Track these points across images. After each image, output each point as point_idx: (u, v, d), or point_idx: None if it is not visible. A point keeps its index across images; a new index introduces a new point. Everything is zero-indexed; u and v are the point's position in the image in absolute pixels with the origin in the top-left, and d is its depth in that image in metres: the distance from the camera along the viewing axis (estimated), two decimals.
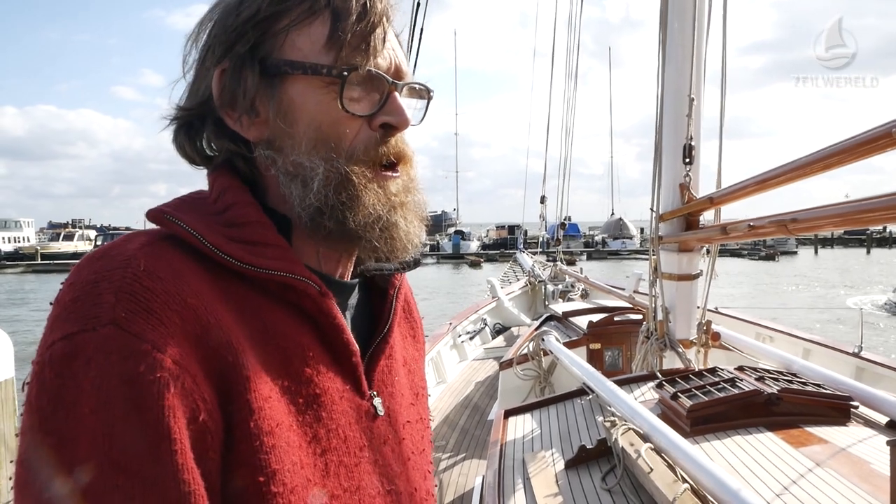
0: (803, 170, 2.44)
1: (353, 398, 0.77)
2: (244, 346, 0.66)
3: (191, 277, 0.65)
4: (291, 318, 0.73)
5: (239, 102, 0.76)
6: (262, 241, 0.72)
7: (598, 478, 2.41)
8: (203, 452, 0.60)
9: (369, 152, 0.76)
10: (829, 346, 5.38)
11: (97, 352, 0.57)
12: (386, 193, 0.77)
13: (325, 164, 0.74)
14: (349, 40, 0.74)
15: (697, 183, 3.81)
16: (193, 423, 0.59)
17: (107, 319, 0.58)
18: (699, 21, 3.71)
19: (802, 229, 2.44)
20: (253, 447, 0.64)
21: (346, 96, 0.74)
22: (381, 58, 0.77)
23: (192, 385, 0.60)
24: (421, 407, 0.94)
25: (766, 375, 2.89)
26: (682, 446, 2.18)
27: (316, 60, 0.74)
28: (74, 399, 0.55)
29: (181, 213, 0.71)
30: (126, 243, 0.66)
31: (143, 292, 0.60)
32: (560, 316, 6.67)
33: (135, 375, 0.57)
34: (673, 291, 3.90)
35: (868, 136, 1.91)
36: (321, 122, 0.75)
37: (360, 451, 0.76)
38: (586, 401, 3.30)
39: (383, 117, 0.77)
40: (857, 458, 2.27)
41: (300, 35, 0.75)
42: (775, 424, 2.58)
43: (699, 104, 3.73)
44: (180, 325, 0.61)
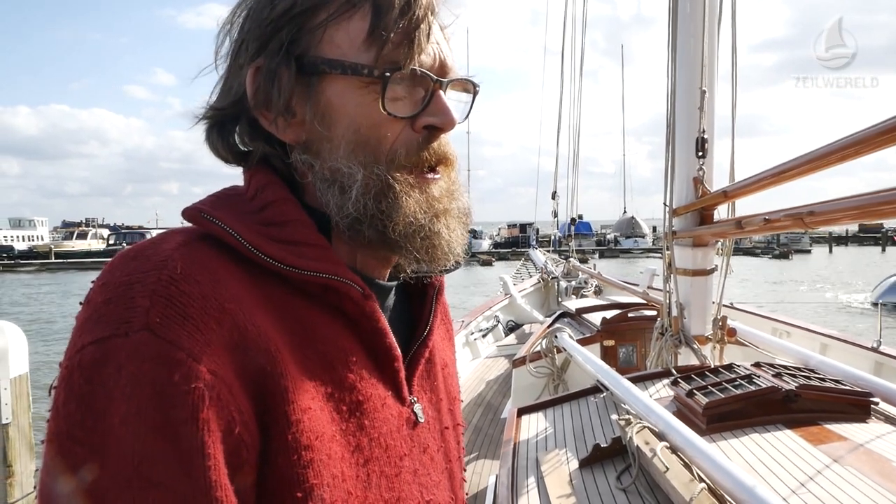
0: (820, 161, 2.39)
1: (395, 405, 0.74)
2: (284, 352, 0.63)
3: (229, 280, 0.62)
4: (332, 321, 0.70)
5: (274, 103, 0.72)
6: (302, 241, 0.69)
7: (612, 477, 2.37)
8: (238, 467, 0.57)
9: (411, 157, 0.72)
10: (846, 340, 5.31)
11: (129, 359, 0.54)
12: (428, 200, 0.73)
13: (365, 171, 0.71)
14: (392, 37, 0.70)
15: (711, 177, 3.76)
16: (228, 436, 0.57)
17: (140, 325, 0.55)
18: (710, 11, 3.66)
19: (819, 222, 2.38)
20: (290, 461, 0.61)
21: (388, 97, 0.70)
22: (426, 54, 0.72)
23: (229, 396, 0.57)
24: (457, 412, 0.92)
25: (783, 372, 2.83)
26: (699, 445, 2.14)
27: (356, 59, 0.70)
28: (104, 408, 0.53)
29: (218, 211, 0.68)
30: (161, 243, 0.63)
31: (179, 296, 0.57)
32: (573, 313, 6.63)
33: (169, 385, 0.54)
34: (687, 287, 3.85)
35: (887, 125, 1.86)
36: (360, 125, 0.71)
37: (401, 461, 0.73)
38: (600, 398, 3.26)
39: (427, 118, 0.73)
40: (879, 456, 2.22)
41: (339, 31, 0.71)
42: (793, 422, 2.53)
43: (711, 97, 3.68)
44: (217, 332, 0.58)
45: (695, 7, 3.66)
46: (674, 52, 3.76)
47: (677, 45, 3.74)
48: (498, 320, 9.37)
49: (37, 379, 7.62)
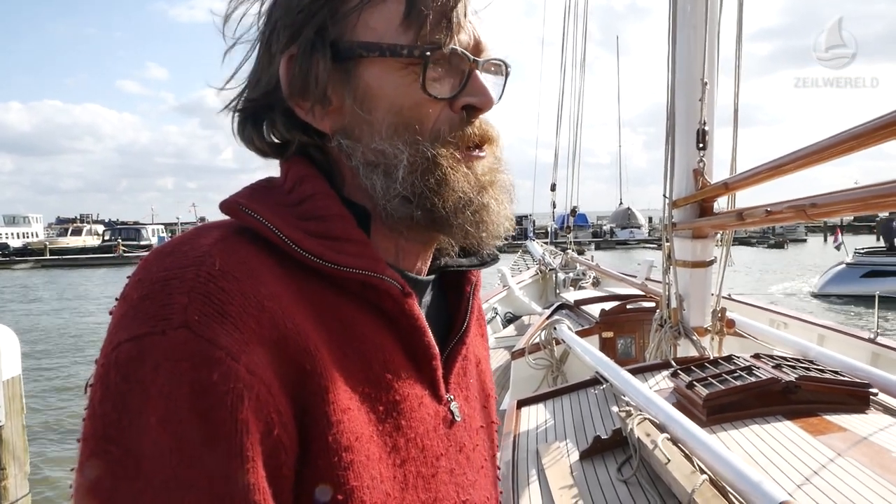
0: (820, 154, 2.39)
1: (432, 404, 0.73)
2: (322, 351, 0.61)
3: (268, 277, 0.61)
4: (370, 318, 0.68)
5: (311, 91, 0.71)
6: (342, 237, 0.67)
7: (613, 469, 2.38)
8: (276, 469, 0.56)
9: (455, 134, 0.72)
10: (844, 332, 5.33)
11: (167, 357, 0.53)
12: (475, 174, 0.73)
13: (410, 149, 0.70)
14: (430, 16, 0.68)
15: (711, 169, 3.76)
16: (267, 437, 0.55)
17: (178, 322, 0.54)
18: (712, 3, 3.65)
19: (821, 214, 2.39)
20: (331, 463, 0.60)
21: (428, 78, 0.69)
22: (464, 33, 0.71)
23: (268, 397, 0.56)
24: (491, 409, 0.91)
25: (782, 363, 2.84)
26: (700, 436, 2.14)
27: (393, 41, 0.69)
28: (141, 407, 0.52)
29: (256, 204, 0.66)
30: (199, 237, 0.61)
31: (217, 293, 0.56)
32: (571, 304, 6.63)
33: (207, 385, 0.53)
34: (687, 279, 3.85)
35: (885, 120, 1.86)
36: (402, 106, 0.70)
37: (437, 461, 0.72)
38: (600, 390, 3.27)
39: (466, 98, 0.72)
40: (878, 447, 2.23)
41: (374, 13, 0.69)
42: (793, 413, 2.54)
43: (712, 88, 3.67)
44: (256, 331, 0.57)
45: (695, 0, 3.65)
46: (674, 43, 3.75)
47: (677, 36, 3.73)
48: (496, 312, 9.37)
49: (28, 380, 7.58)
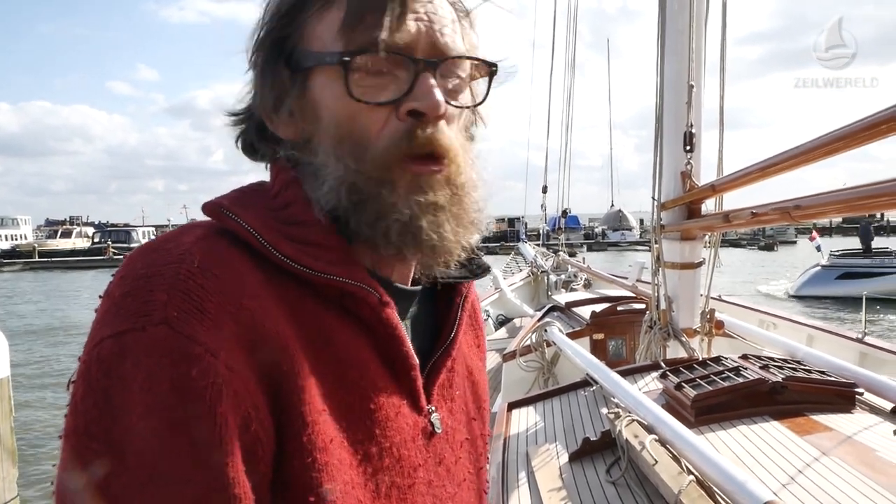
0: (806, 156, 2.41)
1: (410, 414, 0.72)
2: (299, 353, 0.62)
3: (248, 277, 0.62)
4: (348, 325, 0.68)
5: (268, 102, 0.72)
6: (321, 243, 0.67)
7: (602, 470, 2.40)
8: (254, 464, 0.57)
9: (394, 146, 0.68)
10: (832, 332, 5.37)
11: (147, 353, 0.54)
12: (410, 193, 0.68)
13: (341, 164, 0.68)
14: (363, 20, 0.66)
15: (699, 171, 3.78)
16: (245, 432, 0.56)
17: (158, 318, 0.55)
18: (698, 7, 3.68)
19: (805, 216, 2.41)
20: (305, 463, 0.60)
21: (357, 84, 0.67)
22: (402, 32, 0.67)
23: (245, 392, 0.57)
24: (482, 422, 0.89)
25: (770, 363, 2.87)
26: (687, 437, 2.16)
27: (331, 48, 0.68)
28: (122, 403, 0.53)
29: (239, 207, 0.67)
30: (181, 236, 0.62)
31: (197, 291, 0.57)
32: (563, 306, 6.64)
33: (187, 381, 0.54)
34: (675, 280, 3.88)
35: (870, 121, 1.89)
36: (339, 117, 0.68)
37: (415, 472, 0.71)
38: (590, 392, 3.28)
39: (409, 103, 0.67)
40: (863, 446, 2.25)
41: (320, 22, 0.69)
42: (780, 413, 2.56)
43: (699, 91, 3.70)
44: (235, 329, 0.58)
45: (682, 3, 3.68)
46: (662, 47, 3.77)
47: (665, 40, 3.76)
48: (488, 314, 9.37)
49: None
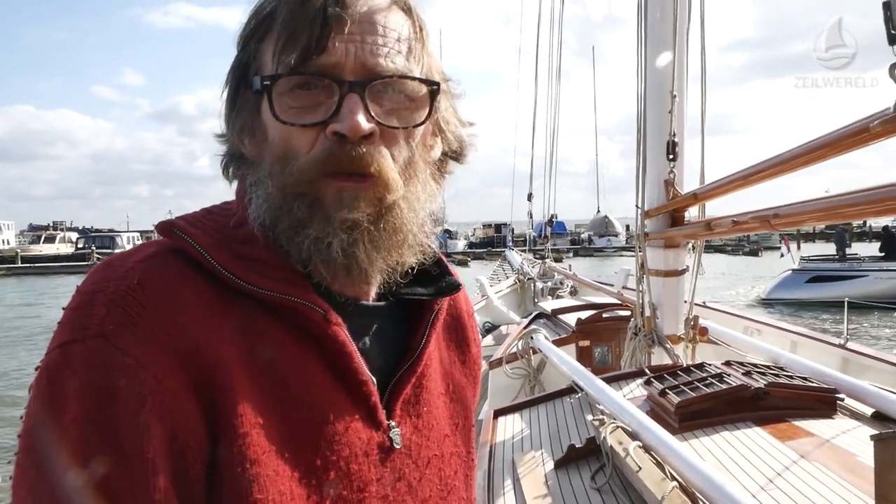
0: (785, 165, 2.46)
1: (364, 429, 0.72)
2: (238, 367, 0.64)
3: (187, 293, 0.64)
4: (298, 341, 0.69)
5: (235, 124, 0.75)
6: (269, 261, 0.69)
7: (587, 477, 2.42)
8: (182, 471, 0.60)
9: (317, 164, 0.68)
10: (815, 338, 5.43)
11: (83, 363, 0.58)
12: (327, 212, 0.69)
13: (270, 182, 0.70)
14: (292, 45, 0.68)
15: (682, 179, 3.83)
16: (173, 441, 0.59)
17: (95, 331, 0.59)
18: (680, 17, 3.73)
19: (784, 224, 2.46)
20: (236, 473, 0.62)
21: (284, 106, 0.69)
22: (328, 55, 0.68)
23: (173, 403, 0.60)
24: (460, 439, 0.87)
25: (753, 370, 2.90)
26: (671, 444, 2.19)
27: (268, 72, 0.70)
28: (60, 408, 0.57)
29: (193, 227, 0.69)
30: (132, 255, 0.66)
31: (134, 306, 0.61)
32: (549, 313, 6.67)
33: (115, 390, 0.58)
34: (660, 287, 3.92)
35: (847, 131, 1.93)
36: (274, 139, 0.71)
37: (366, 487, 0.71)
38: (575, 399, 3.30)
39: (334, 125, 0.68)
40: (843, 451, 2.29)
41: (265, 49, 0.72)
42: (763, 419, 2.60)
43: (682, 100, 3.75)
44: (167, 342, 0.61)
45: (664, 13, 3.73)
46: (644, 57, 3.83)
47: (647, 51, 3.81)
48: None
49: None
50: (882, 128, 1.66)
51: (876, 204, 1.93)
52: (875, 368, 4.50)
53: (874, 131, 1.72)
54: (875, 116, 1.70)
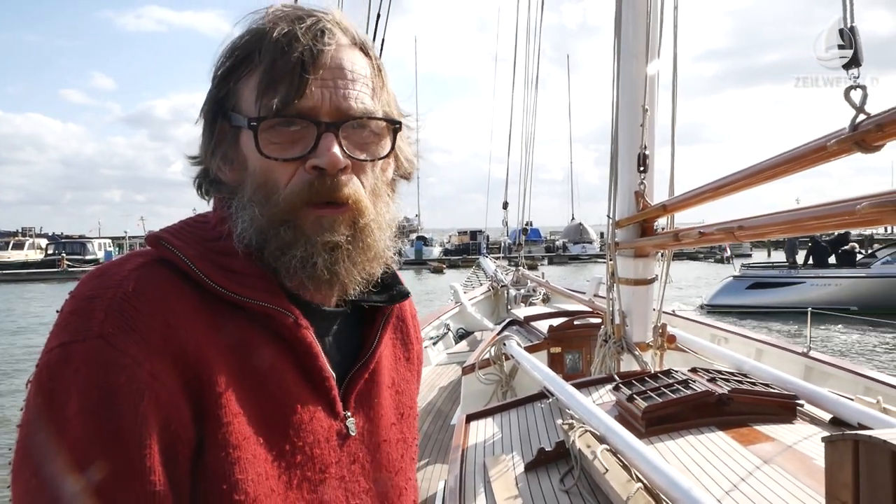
0: (750, 179, 2.55)
1: (326, 419, 0.81)
2: (220, 365, 0.72)
3: (175, 300, 0.72)
4: (271, 343, 0.78)
5: (215, 151, 0.83)
6: (245, 272, 0.78)
7: (556, 479, 2.48)
8: (173, 458, 0.67)
9: (299, 194, 0.77)
10: (779, 346, 5.58)
11: (85, 362, 0.65)
12: (311, 234, 0.78)
13: (257, 208, 0.78)
14: (274, 87, 0.76)
15: (652, 190, 3.93)
16: (165, 430, 0.67)
17: (96, 333, 0.66)
18: (652, 31, 3.83)
19: (748, 236, 2.55)
20: (219, 457, 0.70)
21: (266, 142, 0.77)
22: (308, 98, 0.77)
23: (167, 397, 0.67)
24: (405, 427, 0.97)
25: (717, 376, 2.99)
26: (637, 447, 2.25)
27: (249, 112, 0.79)
28: (64, 401, 0.64)
29: (178, 238, 0.77)
30: (124, 264, 0.74)
31: (130, 311, 0.68)
32: (522, 320, 6.74)
33: (115, 386, 0.64)
34: (629, 296, 4.01)
35: (807, 149, 2.02)
36: (256, 170, 0.79)
37: (327, 468, 0.80)
38: (546, 404, 3.37)
39: (313, 160, 0.77)
40: (802, 455, 2.37)
41: (245, 87, 0.80)
42: (726, 423, 2.68)
43: (652, 114, 3.85)
44: (160, 344, 0.68)
45: (637, 30, 3.83)
46: (617, 71, 3.92)
47: (621, 65, 3.91)
48: (448, 328, 9.45)
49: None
50: (838, 146, 1.75)
51: (834, 217, 2.02)
52: (836, 376, 4.64)
53: (831, 150, 1.81)
54: (832, 136, 1.79)
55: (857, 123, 1.67)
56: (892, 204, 1.54)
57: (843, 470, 1.32)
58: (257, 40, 0.79)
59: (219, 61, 0.82)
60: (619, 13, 3.89)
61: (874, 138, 1.63)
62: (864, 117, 1.64)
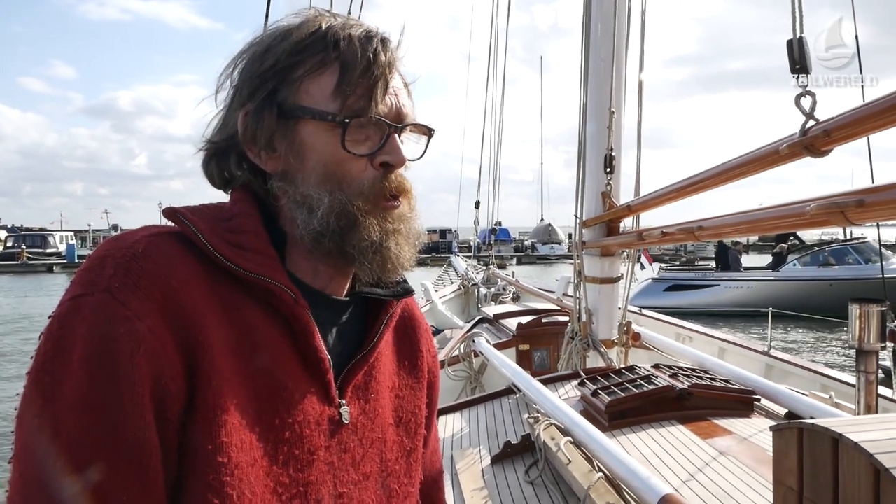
0: (709, 181, 2.64)
1: (318, 402, 0.84)
2: (218, 332, 0.76)
3: (182, 266, 0.77)
4: (268, 318, 0.82)
5: (258, 139, 0.87)
6: (252, 248, 0.82)
7: (521, 471, 2.54)
8: (162, 411, 0.71)
9: (374, 187, 0.86)
10: (742, 345, 5.72)
11: (91, 312, 0.70)
12: (381, 222, 0.87)
13: (330, 196, 0.85)
14: (354, 91, 0.84)
15: (618, 191, 4.02)
16: (157, 383, 0.71)
17: (103, 287, 0.71)
18: (619, 37, 3.92)
19: (709, 235, 2.64)
20: (207, 418, 0.73)
21: (348, 139, 0.84)
22: (383, 104, 0.86)
23: (162, 351, 0.72)
24: (403, 433, 0.99)
25: (679, 372, 3.09)
26: (599, 439, 2.32)
27: (324, 107, 0.85)
28: (69, 348, 0.69)
29: (193, 214, 0.82)
30: (139, 231, 0.79)
31: (136, 270, 0.73)
32: (491, 318, 6.80)
33: (115, 335, 0.70)
34: (596, 294, 4.09)
35: (761, 153, 2.11)
36: (328, 161, 0.86)
37: (316, 451, 0.83)
38: (513, 399, 3.43)
39: (382, 156, 0.87)
40: (757, 447, 2.47)
41: (312, 83, 0.86)
42: (686, 417, 2.78)
43: (619, 117, 3.94)
44: (161, 302, 0.73)
45: (605, 33, 3.92)
46: (585, 75, 4.00)
47: (589, 68, 3.99)
48: None
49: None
50: (789, 150, 1.83)
51: (788, 219, 2.12)
52: (795, 374, 4.78)
53: (783, 153, 1.89)
54: (784, 140, 1.87)
55: (807, 129, 1.75)
56: (837, 206, 1.62)
57: (789, 456, 1.39)
58: (325, 43, 0.86)
59: (273, 56, 0.86)
60: (588, 16, 3.97)
61: (822, 143, 1.72)
62: (814, 123, 1.73)
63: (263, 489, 0.77)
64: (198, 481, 0.73)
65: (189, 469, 0.73)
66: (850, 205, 1.60)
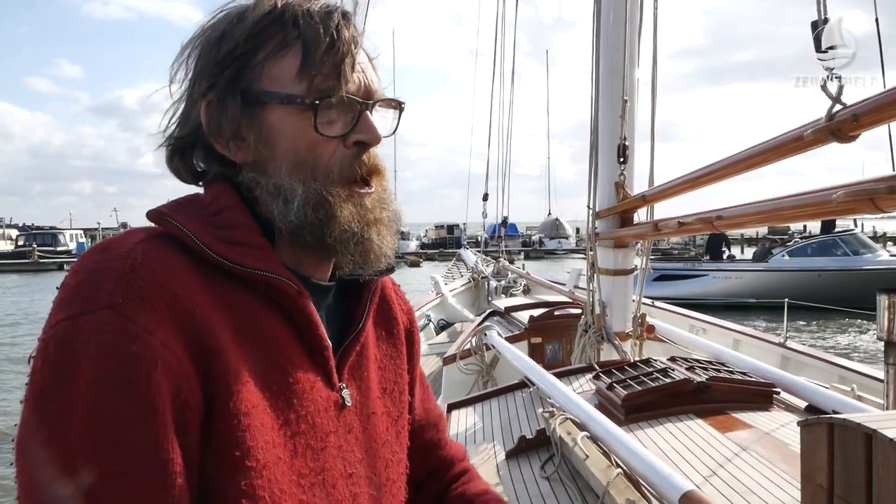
0: (729, 169, 2.58)
1: (324, 389, 0.84)
2: (225, 334, 0.73)
3: (181, 271, 0.73)
4: (271, 313, 0.80)
5: (224, 130, 0.83)
6: (247, 243, 0.79)
7: (537, 467, 2.50)
8: (183, 426, 0.68)
9: (344, 171, 0.83)
10: (757, 336, 5.66)
11: (95, 332, 0.65)
12: (360, 211, 0.84)
13: (304, 186, 0.81)
14: (320, 70, 0.81)
15: (632, 181, 3.96)
16: (177, 398, 0.67)
17: (105, 303, 0.66)
18: (631, 24, 3.85)
19: (727, 226, 2.58)
20: (231, 425, 0.71)
21: (319, 121, 0.81)
22: (352, 82, 0.83)
23: (177, 365, 0.68)
24: (389, 401, 1.00)
25: (695, 365, 3.03)
26: (616, 434, 2.28)
27: (290, 90, 0.81)
28: (73, 372, 0.64)
29: (177, 214, 0.79)
30: (127, 238, 0.74)
31: (137, 281, 0.68)
32: (502, 311, 6.75)
33: (128, 354, 0.65)
34: (609, 286, 4.04)
35: (785, 138, 2.05)
36: (298, 147, 0.82)
37: (327, 437, 0.83)
38: (527, 393, 3.39)
39: (356, 136, 0.84)
40: (778, 441, 2.41)
41: (275, 66, 0.82)
42: (704, 411, 2.72)
43: (632, 105, 3.88)
44: (168, 312, 0.69)
45: (617, 19, 3.85)
46: (597, 62, 3.94)
47: (600, 56, 3.93)
48: (429, 319, 9.44)
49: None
50: (814, 136, 1.77)
51: (811, 207, 2.05)
52: (812, 366, 4.72)
53: (807, 139, 1.83)
54: (809, 126, 1.81)
55: (834, 113, 1.69)
56: (866, 193, 1.57)
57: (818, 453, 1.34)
58: (283, 22, 0.82)
59: (230, 40, 0.82)
60: (599, 3, 3.91)
61: (850, 128, 1.66)
62: (840, 107, 1.67)
63: (289, 484, 0.76)
64: (229, 488, 0.71)
65: (216, 477, 0.71)
66: (880, 191, 1.54)
